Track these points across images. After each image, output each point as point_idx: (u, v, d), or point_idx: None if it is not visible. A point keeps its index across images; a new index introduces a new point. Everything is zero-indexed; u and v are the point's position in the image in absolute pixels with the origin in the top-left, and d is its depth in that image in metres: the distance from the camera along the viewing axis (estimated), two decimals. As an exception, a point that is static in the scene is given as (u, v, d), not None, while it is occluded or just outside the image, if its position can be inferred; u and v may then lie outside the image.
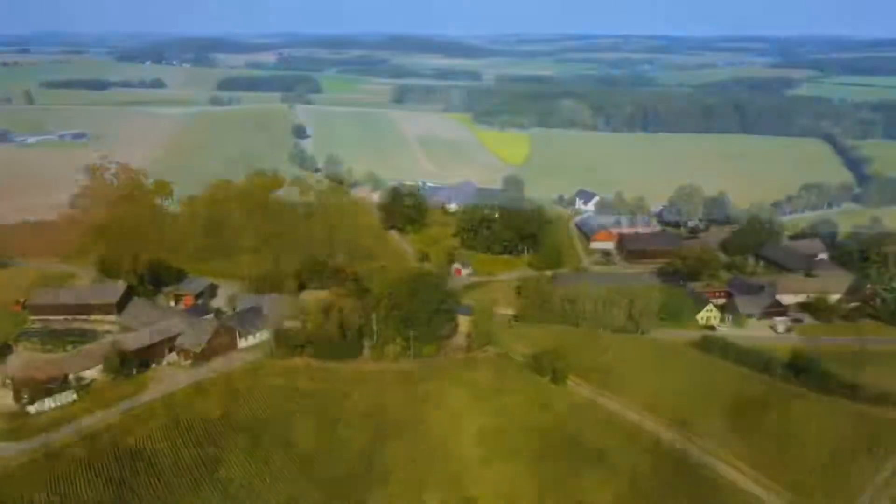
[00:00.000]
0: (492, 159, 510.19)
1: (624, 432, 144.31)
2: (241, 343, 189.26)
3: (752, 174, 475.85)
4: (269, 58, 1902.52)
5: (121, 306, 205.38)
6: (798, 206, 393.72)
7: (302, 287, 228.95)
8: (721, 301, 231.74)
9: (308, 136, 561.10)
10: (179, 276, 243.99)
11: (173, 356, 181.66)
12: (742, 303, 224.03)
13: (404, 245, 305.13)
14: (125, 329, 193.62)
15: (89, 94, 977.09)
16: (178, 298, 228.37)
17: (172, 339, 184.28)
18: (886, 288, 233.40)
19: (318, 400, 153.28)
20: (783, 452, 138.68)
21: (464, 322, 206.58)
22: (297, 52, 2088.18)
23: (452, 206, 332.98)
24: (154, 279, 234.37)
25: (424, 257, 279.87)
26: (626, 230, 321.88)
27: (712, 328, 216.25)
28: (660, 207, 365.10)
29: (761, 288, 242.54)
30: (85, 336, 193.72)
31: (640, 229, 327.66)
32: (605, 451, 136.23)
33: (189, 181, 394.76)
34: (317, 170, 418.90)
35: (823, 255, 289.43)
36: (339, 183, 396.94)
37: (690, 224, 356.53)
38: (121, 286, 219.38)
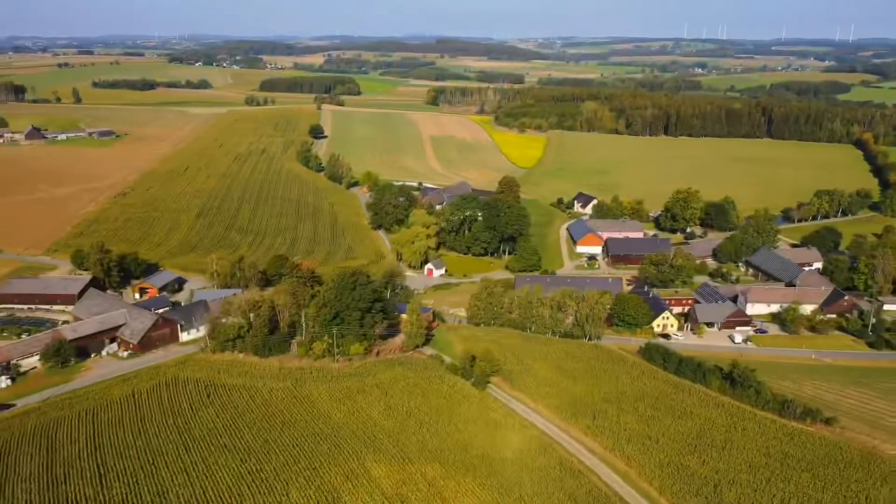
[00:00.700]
0: (502, 161, 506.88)
1: (514, 436, 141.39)
2: (184, 336, 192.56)
3: (770, 179, 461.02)
4: (318, 60, 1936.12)
5: (82, 297, 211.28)
6: (807, 214, 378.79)
7: (268, 283, 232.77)
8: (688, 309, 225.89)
9: (325, 136, 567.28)
10: (151, 270, 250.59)
11: (114, 347, 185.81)
12: (702, 311, 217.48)
13: (388, 244, 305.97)
14: (76, 319, 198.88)
15: (136, 93, 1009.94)
16: (142, 291, 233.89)
17: (115, 329, 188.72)
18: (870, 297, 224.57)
19: (225, 395, 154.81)
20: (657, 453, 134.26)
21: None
22: (346, 54, 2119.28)
23: (438, 208, 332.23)
24: (125, 272, 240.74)
25: (399, 256, 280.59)
26: (615, 234, 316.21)
27: (667, 336, 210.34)
28: (659, 212, 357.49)
29: (735, 297, 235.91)
30: (41, 325, 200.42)
31: (631, 234, 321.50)
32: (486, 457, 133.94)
33: (193, 173, 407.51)
34: (320, 169, 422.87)
35: (819, 265, 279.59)
36: (337, 182, 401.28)
37: (689, 230, 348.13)
38: (85, 278, 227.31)
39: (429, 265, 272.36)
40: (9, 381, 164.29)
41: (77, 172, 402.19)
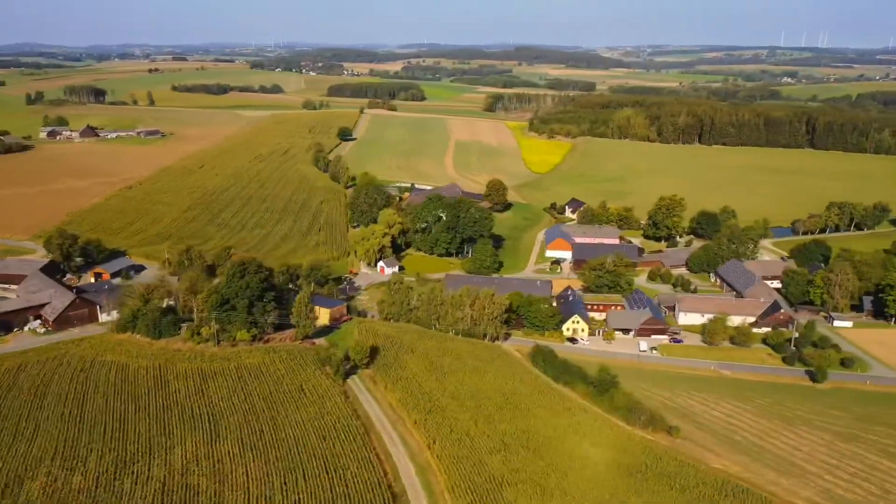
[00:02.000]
0: (518, 166, 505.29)
1: (333, 423, 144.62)
2: (104, 317, 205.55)
3: (796, 190, 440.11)
4: (397, 67, 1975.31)
5: (25, 279, 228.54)
6: (814, 227, 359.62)
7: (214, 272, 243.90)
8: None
9: (353, 139, 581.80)
10: (116, 257, 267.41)
11: (36, 324, 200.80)
12: (615, 318, 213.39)
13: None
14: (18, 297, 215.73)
15: (209, 97, 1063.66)
16: (97, 276, 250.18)
17: (40, 307, 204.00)
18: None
19: (96, 370, 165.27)
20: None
21: (324, 313, 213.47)
22: (426, 61, 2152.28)
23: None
24: (89, 257, 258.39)
25: (353, 252, 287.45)
26: (589, 240, 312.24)
27: (574, 340, 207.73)
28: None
29: (673, 305, 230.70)
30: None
31: (606, 240, 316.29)
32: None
33: (206, 171, 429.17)
34: (328, 169, 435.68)
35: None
36: (337, 181, 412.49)
37: (679, 238, 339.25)
38: (42, 261, 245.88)
39: (381, 263, 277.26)
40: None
41: (102, 167, 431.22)
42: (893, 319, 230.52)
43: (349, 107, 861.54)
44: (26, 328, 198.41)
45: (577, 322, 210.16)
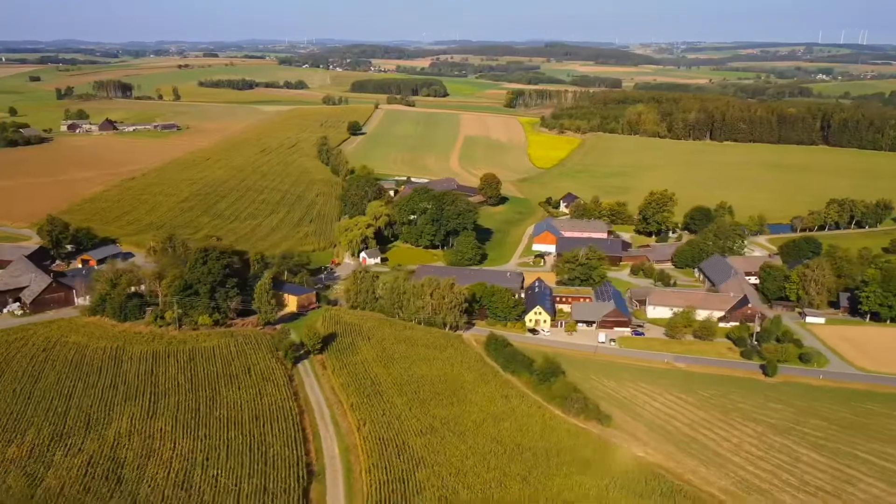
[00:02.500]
0: (523, 161, 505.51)
1: (269, 407, 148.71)
2: (80, 301, 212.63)
3: (802, 187, 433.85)
4: (425, 63, 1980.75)
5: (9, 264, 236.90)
6: (812, 224, 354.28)
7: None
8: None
9: (363, 133, 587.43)
10: (105, 244, 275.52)
11: (16, 306, 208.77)
12: (578, 310, 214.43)
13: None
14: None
15: (233, 92, 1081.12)
16: (84, 262, 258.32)
17: (19, 291, 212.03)
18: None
19: (58, 350, 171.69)
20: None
21: (292, 301, 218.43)
22: (454, 58, 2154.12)
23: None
24: (79, 244, 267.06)
25: (338, 243, 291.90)
26: (576, 234, 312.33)
27: (535, 331, 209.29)
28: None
29: (644, 299, 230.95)
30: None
31: (594, 234, 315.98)
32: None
33: (211, 163, 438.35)
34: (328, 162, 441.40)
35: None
36: (336, 174, 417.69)
37: (674, 233, 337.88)
38: (32, 246, 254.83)
39: (363, 254, 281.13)
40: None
41: (113, 159, 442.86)
42: (868, 316, 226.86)
43: (369, 102, 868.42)
44: (5, 310, 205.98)
45: (539, 313, 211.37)
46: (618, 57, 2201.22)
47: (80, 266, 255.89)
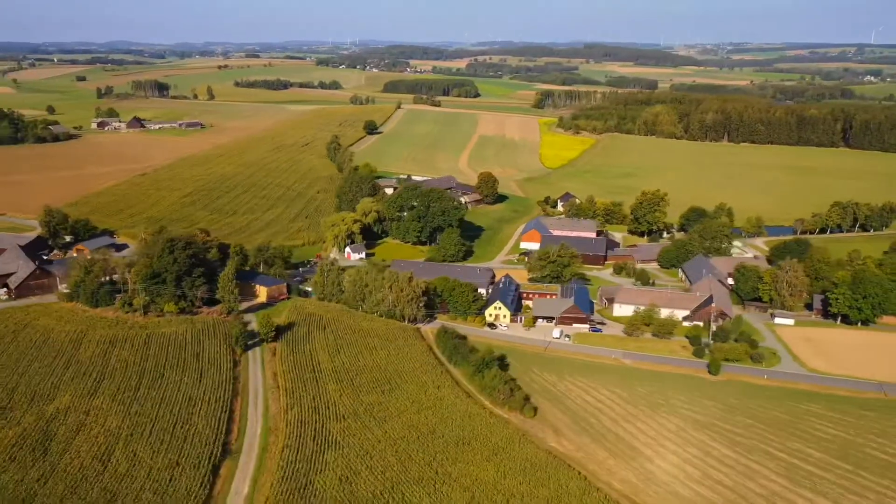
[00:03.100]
0: (533, 161, 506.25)
1: (204, 389, 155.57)
2: (62, 288, 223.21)
3: (816, 190, 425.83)
4: (462, 64, 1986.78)
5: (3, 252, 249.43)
6: (813, 226, 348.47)
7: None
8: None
9: (379, 132, 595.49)
10: (104, 235, 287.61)
11: (2, 291, 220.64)
12: (538, 305, 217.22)
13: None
14: None
15: (268, 92, 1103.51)
16: (79, 252, 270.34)
17: (6, 277, 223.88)
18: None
19: (27, 332, 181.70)
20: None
21: (263, 291, 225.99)
22: (493, 59, 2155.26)
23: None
24: (77, 235, 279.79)
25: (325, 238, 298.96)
26: (566, 233, 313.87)
27: (494, 326, 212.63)
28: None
29: (610, 297, 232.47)
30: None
31: (583, 233, 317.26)
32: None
33: (223, 160, 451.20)
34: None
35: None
36: (341, 172, 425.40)
37: (670, 232, 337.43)
38: (28, 237, 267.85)
39: (348, 249, 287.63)
40: None
41: (131, 155, 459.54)
42: (839, 318, 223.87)
43: (396, 102, 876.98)
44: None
45: (499, 308, 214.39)
46: (658, 58, 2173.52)
47: (74, 255, 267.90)
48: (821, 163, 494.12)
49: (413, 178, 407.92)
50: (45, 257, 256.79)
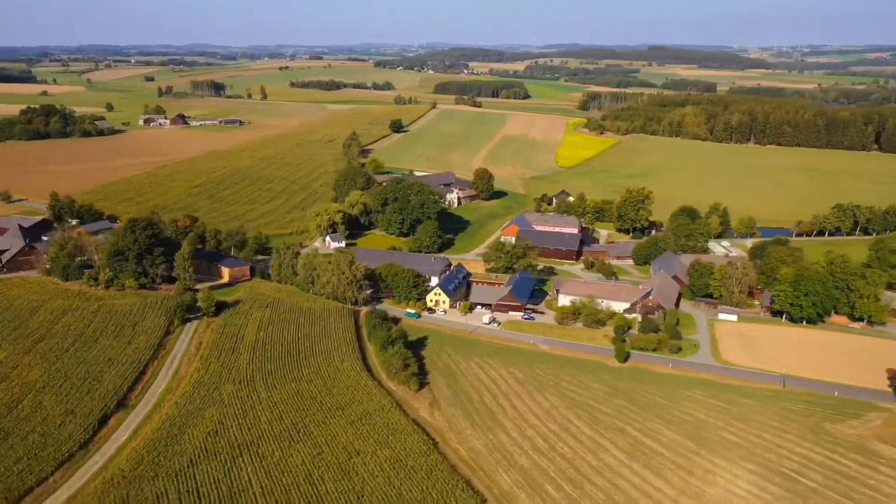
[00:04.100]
0: (548, 160, 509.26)
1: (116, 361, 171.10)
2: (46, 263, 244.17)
3: (833, 193, 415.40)
4: (520, 66, 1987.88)
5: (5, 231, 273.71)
6: (809, 228, 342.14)
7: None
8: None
9: (405, 131, 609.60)
10: (103, 219, 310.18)
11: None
12: (476, 293, 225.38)
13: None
14: None
15: (319, 92, 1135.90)
16: (79, 234, 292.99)
17: (1, 252, 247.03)
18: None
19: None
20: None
21: (226, 272, 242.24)
22: (553, 61, 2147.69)
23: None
24: (81, 219, 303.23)
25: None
26: (548, 228, 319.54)
27: (433, 310, 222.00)
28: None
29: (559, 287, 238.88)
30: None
31: (566, 229, 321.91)
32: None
33: (246, 154, 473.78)
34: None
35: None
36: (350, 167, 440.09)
37: (657, 230, 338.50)
38: (35, 219, 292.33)
39: (328, 238, 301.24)
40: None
41: (162, 149, 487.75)
42: (784, 316, 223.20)
43: (443, 102, 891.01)
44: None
45: (439, 294, 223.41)
46: (724, 60, 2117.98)
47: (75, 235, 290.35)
48: (845, 166, 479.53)
49: (415, 173, 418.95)
50: (43, 238, 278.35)
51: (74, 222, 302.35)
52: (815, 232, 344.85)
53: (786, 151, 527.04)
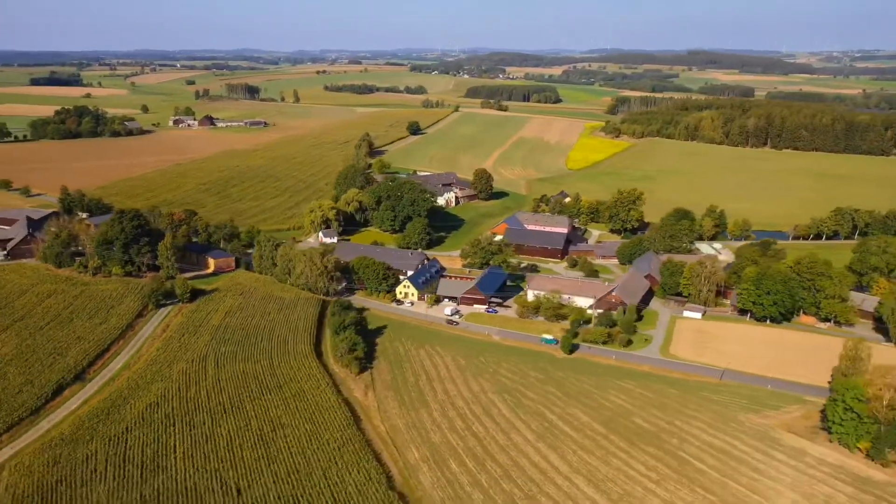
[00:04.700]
0: (557, 162, 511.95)
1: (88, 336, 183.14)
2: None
3: (835, 196, 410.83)
4: (557, 71, 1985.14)
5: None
6: (806, 232, 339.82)
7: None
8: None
9: (423, 133, 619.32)
10: (109, 212, 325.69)
11: (2, 253, 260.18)
12: (443, 286, 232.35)
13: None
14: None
15: (351, 95, 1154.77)
16: (87, 225, 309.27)
17: (7, 241, 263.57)
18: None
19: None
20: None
21: (212, 262, 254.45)
22: (592, 66, 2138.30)
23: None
24: (90, 211, 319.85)
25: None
26: (538, 227, 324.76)
27: (400, 302, 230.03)
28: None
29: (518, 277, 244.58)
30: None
31: (556, 229, 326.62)
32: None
33: (258, 153, 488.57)
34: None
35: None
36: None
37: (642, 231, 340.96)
38: (46, 211, 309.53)
39: (320, 233, 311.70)
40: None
41: (183, 148, 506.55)
42: (749, 314, 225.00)
43: (456, 105, 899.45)
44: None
45: (407, 287, 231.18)
46: (768, 65, 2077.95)
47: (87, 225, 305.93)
48: (862, 170, 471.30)
49: (419, 173, 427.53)
50: (52, 229, 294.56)
51: (84, 215, 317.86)
52: (811, 236, 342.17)
53: (800, 156, 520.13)
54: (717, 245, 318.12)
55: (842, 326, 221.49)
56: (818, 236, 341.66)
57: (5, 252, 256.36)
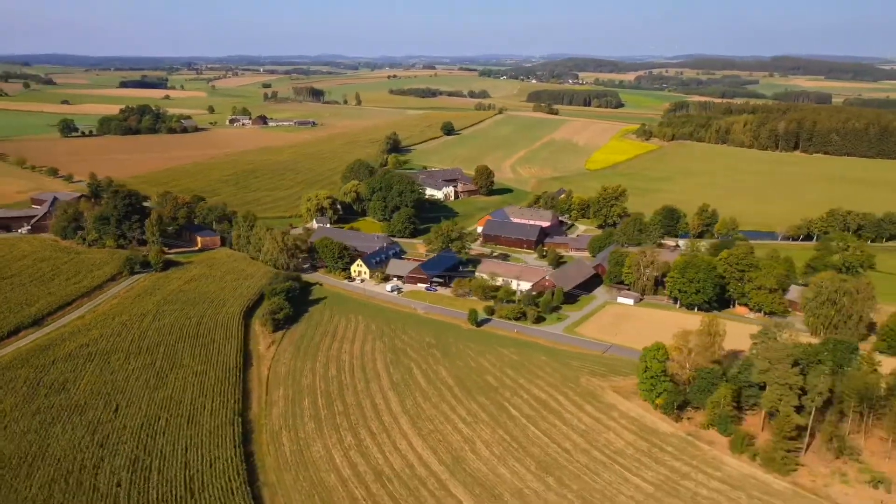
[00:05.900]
0: (578, 163, 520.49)
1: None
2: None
3: (849, 201, 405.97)
4: (631, 77, 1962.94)
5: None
6: (796, 233, 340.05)
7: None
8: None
9: (457, 133, 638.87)
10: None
11: (26, 228, 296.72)
12: (392, 266, 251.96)
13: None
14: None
15: (413, 99, 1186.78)
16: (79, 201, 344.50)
17: (29, 219, 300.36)
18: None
19: (3, 249, 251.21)
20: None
21: (199, 240, 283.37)
22: (668, 71, 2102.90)
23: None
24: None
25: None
26: (524, 221, 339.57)
27: (352, 279, 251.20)
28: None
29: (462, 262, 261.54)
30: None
31: (540, 222, 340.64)
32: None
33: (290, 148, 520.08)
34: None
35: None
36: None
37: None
38: (70, 195, 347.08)
39: (314, 221, 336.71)
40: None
41: (228, 144, 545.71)
42: (678, 302, 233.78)
43: (525, 110, 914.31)
44: (20, 231, 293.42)
45: (360, 265, 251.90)
46: (858, 72, 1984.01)
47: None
48: (889, 175, 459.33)
49: (428, 168, 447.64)
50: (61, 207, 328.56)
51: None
52: (801, 237, 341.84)
53: (830, 160, 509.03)
54: (682, 241, 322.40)
55: (773, 317, 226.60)
56: (809, 237, 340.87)
57: (29, 227, 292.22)
